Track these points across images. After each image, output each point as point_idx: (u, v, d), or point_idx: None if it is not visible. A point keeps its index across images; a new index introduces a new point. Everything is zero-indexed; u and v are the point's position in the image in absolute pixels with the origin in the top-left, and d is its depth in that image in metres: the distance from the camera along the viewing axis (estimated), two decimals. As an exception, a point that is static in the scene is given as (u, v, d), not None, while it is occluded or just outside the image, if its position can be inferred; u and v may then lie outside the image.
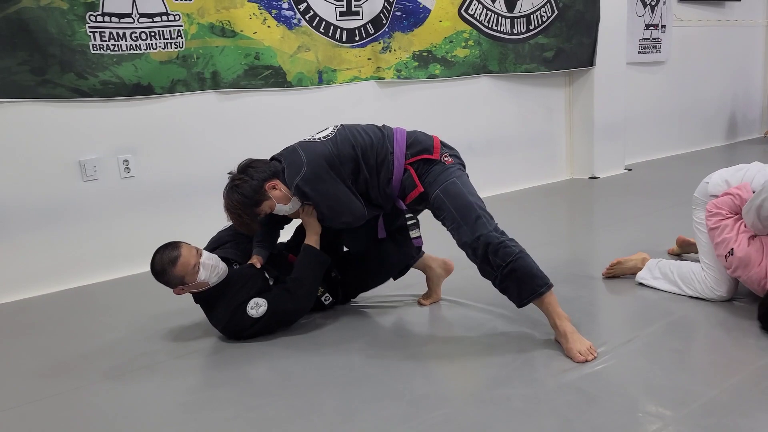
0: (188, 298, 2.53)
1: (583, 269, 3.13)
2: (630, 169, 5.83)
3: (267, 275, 2.55)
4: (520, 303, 2.26)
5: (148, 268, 2.40)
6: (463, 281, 2.86)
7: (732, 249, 2.41)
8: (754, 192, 2.44)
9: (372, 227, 2.61)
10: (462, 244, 2.31)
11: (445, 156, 2.43)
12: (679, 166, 5.95)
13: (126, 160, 3.55)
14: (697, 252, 2.81)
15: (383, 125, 2.56)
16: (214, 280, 2.44)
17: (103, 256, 3.52)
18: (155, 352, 2.49)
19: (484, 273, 2.30)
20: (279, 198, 2.41)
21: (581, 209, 4.82)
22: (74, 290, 3.39)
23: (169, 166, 3.69)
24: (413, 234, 2.53)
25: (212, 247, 2.68)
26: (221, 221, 3.58)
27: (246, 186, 2.36)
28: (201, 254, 2.41)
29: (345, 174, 2.38)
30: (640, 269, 2.88)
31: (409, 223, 2.53)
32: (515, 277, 2.22)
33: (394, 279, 2.79)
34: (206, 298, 2.48)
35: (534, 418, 1.85)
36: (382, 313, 2.74)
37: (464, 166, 2.50)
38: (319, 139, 2.42)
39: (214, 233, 2.81)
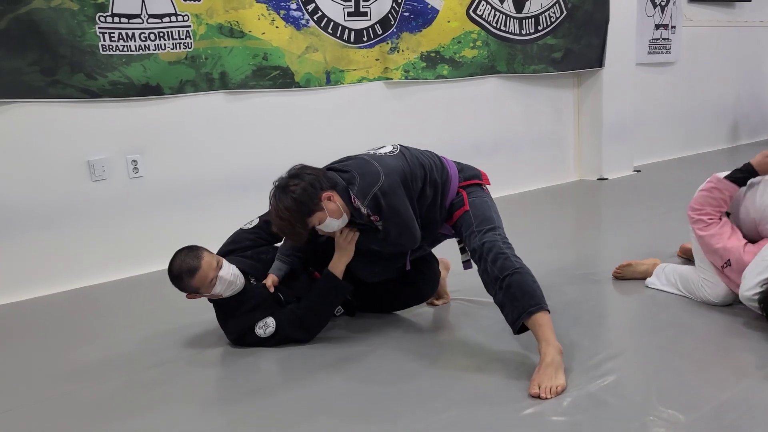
0: (198, 302, 2.52)
1: (591, 271, 3.11)
2: (639, 171, 5.80)
3: (281, 296, 2.46)
4: (513, 323, 2.14)
5: (156, 269, 2.42)
6: (476, 281, 2.85)
7: (729, 260, 2.40)
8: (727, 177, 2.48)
9: (396, 262, 2.52)
10: (471, 251, 2.29)
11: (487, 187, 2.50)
12: (688, 168, 5.92)
13: (134, 161, 3.56)
14: None
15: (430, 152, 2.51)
16: (229, 294, 2.39)
17: (111, 256, 3.53)
18: (162, 352, 2.49)
19: (486, 286, 2.23)
20: (332, 211, 2.22)
21: (589, 211, 4.80)
22: (82, 290, 3.40)
23: (177, 166, 3.70)
24: (464, 257, 2.51)
25: (231, 248, 2.58)
26: (229, 221, 3.58)
27: (300, 191, 2.16)
28: (220, 267, 2.33)
29: (413, 193, 2.30)
30: (651, 273, 2.86)
31: (459, 246, 2.52)
32: (510, 293, 2.13)
33: None
34: (220, 304, 2.45)
35: (543, 422, 1.84)
36: (391, 315, 2.73)
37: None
38: (385, 154, 2.33)
39: (222, 231, 2.77)
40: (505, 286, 2.14)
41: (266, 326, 2.39)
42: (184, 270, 2.28)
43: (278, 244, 2.60)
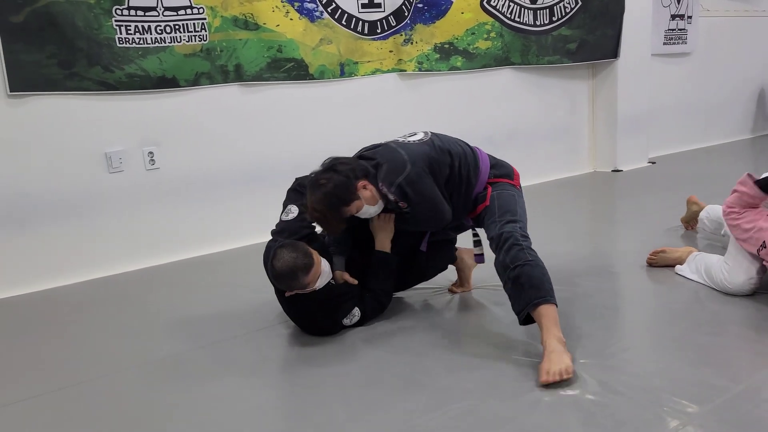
0: (213, 292, 2.54)
1: (605, 263, 3.11)
2: (653, 162, 5.76)
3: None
4: (518, 313, 2.16)
5: (173, 259, 2.43)
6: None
7: (764, 242, 2.39)
8: (757, 182, 2.44)
9: (414, 240, 2.60)
10: (489, 239, 2.31)
11: (518, 187, 2.51)
12: (703, 160, 5.87)
13: (151, 152, 3.60)
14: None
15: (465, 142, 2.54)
16: (320, 286, 2.37)
17: (128, 247, 3.57)
18: (178, 342, 2.52)
19: (499, 275, 2.25)
20: (368, 199, 2.31)
21: (603, 203, 4.79)
22: (100, 280, 3.45)
23: (193, 158, 3.73)
24: (477, 251, 2.58)
25: (294, 239, 2.42)
26: (245, 212, 3.61)
27: (336, 184, 2.24)
28: (321, 261, 2.33)
29: (441, 180, 2.35)
30: (684, 260, 2.86)
31: (474, 239, 2.58)
32: (518, 284, 2.14)
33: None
34: (303, 299, 2.40)
35: (557, 411, 1.85)
36: (410, 302, 2.75)
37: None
38: (414, 141, 2.38)
39: (238, 221, 2.79)
40: (515, 276, 2.15)
41: (353, 316, 2.46)
42: (300, 267, 2.24)
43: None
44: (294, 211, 2.55)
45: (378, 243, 2.52)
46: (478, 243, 2.59)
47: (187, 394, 2.11)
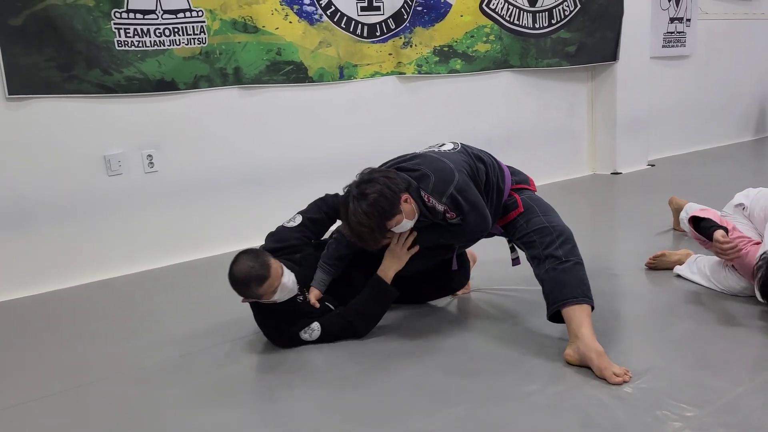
0: (211, 295, 2.54)
1: (604, 265, 3.11)
2: (653, 165, 5.76)
3: (328, 305, 2.44)
4: (558, 302, 2.16)
5: (171, 262, 2.43)
6: (496, 273, 2.89)
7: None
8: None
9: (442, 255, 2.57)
10: (532, 232, 2.28)
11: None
12: (703, 162, 5.87)
13: (150, 155, 3.60)
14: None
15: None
16: (283, 299, 2.34)
17: (127, 250, 3.57)
18: (176, 345, 2.52)
19: (539, 264, 2.23)
20: (408, 213, 2.22)
21: (603, 205, 4.78)
22: (98, 283, 3.44)
23: (192, 161, 3.73)
24: (513, 255, 2.58)
25: (277, 246, 2.47)
26: (244, 216, 3.61)
27: (379, 196, 2.14)
28: (283, 274, 2.28)
29: (480, 186, 2.33)
30: (683, 262, 2.88)
31: (510, 245, 2.57)
32: (567, 275, 2.16)
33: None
34: (264, 308, 2.38)
35: (556, 414, 1.84)
36: (409, 304, 2.73)
37: None
38: (449, 151, 2.36)
39: (237, 225, 2.77)
40: (565, 268, 2.17)
41: (311, 331, 2.37)
42: (253, 277, 2.22)
43: (322, 240, 2.59)
44: (297, 220, 2.54)
45: (382, 268, 2.39)
46: (513, 248, 2.57)
47: (183, 397, 2.11)
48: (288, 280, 2.30)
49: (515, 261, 2.60)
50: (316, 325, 2.37)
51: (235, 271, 2.24)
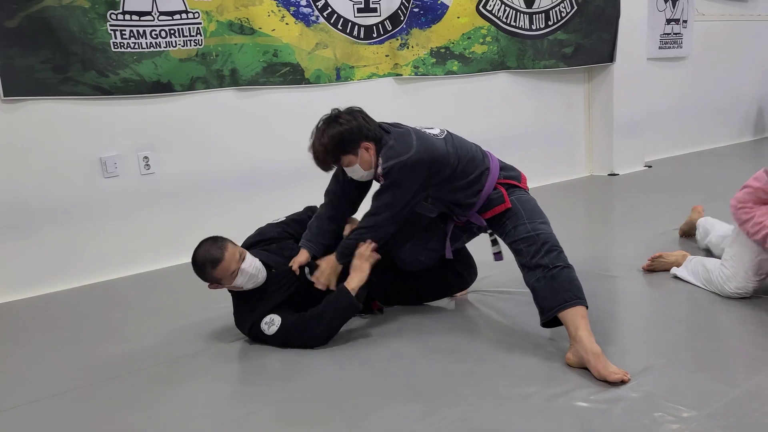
0: (212, 292, 2.54)
1: (602, 267, 3.11)
2: (650, 166, 5.77)
3: (306, 273, 2.48)
4: (551, 309, 2.16)
5: (169, 264, 2.43)
6: (494, 274, 2.90)
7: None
8: None
9: (435, 244, 2.59)
10: (519, 240, 2.28)
11: (528, 191, 2.52)
12: (699, 163, 5.88)
13: (146, 157, 3.59)
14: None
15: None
16: (250, 286, 2.40)
17: (124, 252, 3.56)
18: (176, 347, 2.51)
19: (527, 275, 2.25)
20: (364, 161, 2.33)
21: (600, 206, 4.78)
22: (96, 285, 3.43)
23: (188, 162, 3.72)
24: (494, 249, 2.59)
25: (256, 239, 2.60)
26: (241, 217, 3.62)
27: (348, 129, 2.29)
28: (243, 259, 2.35)
29: (435, 175, 2.33)
30: (680, 264, 2.87)
31: (491, 239, 2.58)
32: (555, 283, 2.16)
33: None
34: (238, 297, 2.47)
35: (552, 417, 1.84)
36: (406, 306, 2.74)
37: None
38: (433, 135, 2.40)
39: (234, 226, 2.80)
40: (552, 276, 2.18)
41: (272, 323, 2.38)
42: (208, 260, 2.31)
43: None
44: (282, 218, 2.67)
45: (348, 279, 2.38)
46: (495, 242, 2.60)
47: (180, 400, 2.10)
48: (249, 265, 2.35)
49: (497, 255, 2.60)
50: (276, 318, 2.38)
51: (194, 256, 2.35)
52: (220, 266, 2.30)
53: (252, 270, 2.36)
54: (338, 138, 2.29)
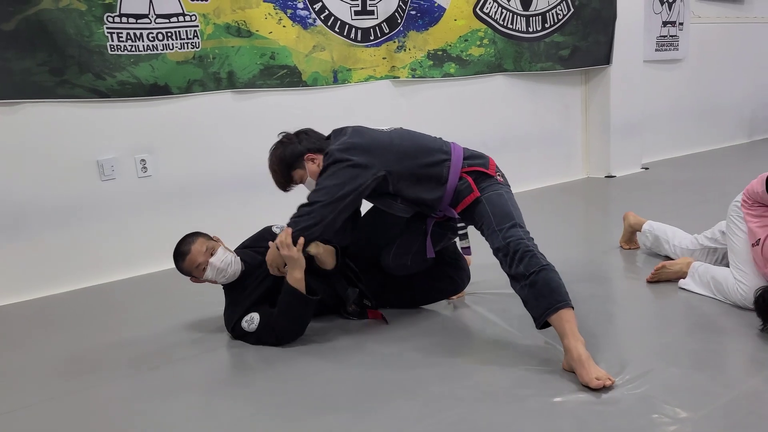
0: (208, 295, 2.54)
1: (598, 269, 3.11)
2: (647, 168, 5.78)
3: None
4: (538, 319, 2.16)
5: (165, 267, 2.45)
6: (491, 276, 2.89)
7: (759, 239, 2.38)
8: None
9: (420, 247, 2.57)
10: (495, 250, 2.28)
11: (498, 176, 2.47)
12: (696, 165, 5.89)
13: (143, 160, 3.58)
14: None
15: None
16: (222, 281, 2.50)
17: (121, 255, 3.56)
18: (173, 349, 2.51)
19: (512, 284, 2.25)
20: (312, 172, 2.45)
21: (597, 208, 4.79)
22: (93, 288, 3.43)
23: (185, 165, 3.72)
24: (463, 243, 2.55)
25: (251, 241, 2.73)
26: (238, 220, 3.62)
27: (289, 148, 2.47)
28: (213, 254, 2.45)
29: (385, 163, 2.33)
30: (685, 273, 2.79)
31: (460, 232, 2.54)
32: (536, 289, 2.14)
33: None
34: (226, 293, 2.54)
35: (550, 419, 1.84)
36: (403, 308, 2.73)
37: (510, 189, 2.50)
38: (378, 129, 2.49)
39: (231, 229, 2.81)
40: (531, 283, 2.15)
41: (251, 321, 2.43)
42: (177, 254, 2.46)
43: None
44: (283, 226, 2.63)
45: (287, 275, 2.37)
46: (464, 236, 2.55)
47: (177, 403, 2.10)
48: (218, 259, 2.44)
49: (465, 250, 2.57)
50: (255, 316, 2.43)
51: (174, 251, 2.48)
52: (188, 259, 2.44)
53: (220, 264, 2.44)
54: (281, 156, 2.48)
